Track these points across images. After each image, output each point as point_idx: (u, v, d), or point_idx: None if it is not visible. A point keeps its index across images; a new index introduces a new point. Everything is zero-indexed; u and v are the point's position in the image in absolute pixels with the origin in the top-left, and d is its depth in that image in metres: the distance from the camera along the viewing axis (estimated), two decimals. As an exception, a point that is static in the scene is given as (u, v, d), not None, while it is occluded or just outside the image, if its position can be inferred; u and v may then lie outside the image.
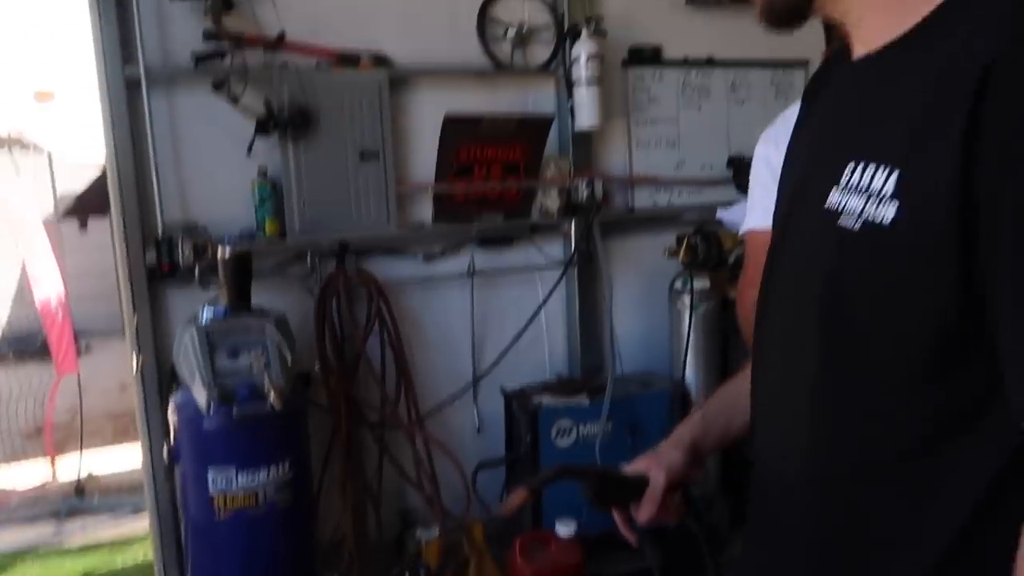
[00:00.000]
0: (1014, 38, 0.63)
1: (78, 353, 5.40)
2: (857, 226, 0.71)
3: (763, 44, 2.90)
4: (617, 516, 1.08)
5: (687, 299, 2.83)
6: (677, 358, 2.90)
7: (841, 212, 0.73)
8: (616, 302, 2.93)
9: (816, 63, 3.07)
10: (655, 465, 1.06)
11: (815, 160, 0.83)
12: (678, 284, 2.88)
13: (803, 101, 0.96)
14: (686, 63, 3.04)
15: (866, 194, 0.70)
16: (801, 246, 0.82)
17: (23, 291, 7.04)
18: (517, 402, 2.71)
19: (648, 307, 3.05)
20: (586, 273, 2.93)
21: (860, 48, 0.79)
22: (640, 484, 1.04)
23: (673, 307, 2.93)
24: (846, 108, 0.82)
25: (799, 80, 3.21)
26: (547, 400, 2.66)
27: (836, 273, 0.75)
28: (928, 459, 0.72)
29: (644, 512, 1.05)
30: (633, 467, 1.08)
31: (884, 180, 0.69)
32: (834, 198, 0.75)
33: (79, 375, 5.11)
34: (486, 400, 2.86)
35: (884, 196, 0.68)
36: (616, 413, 2.65)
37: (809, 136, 0.90)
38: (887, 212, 0.68)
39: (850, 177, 0.73)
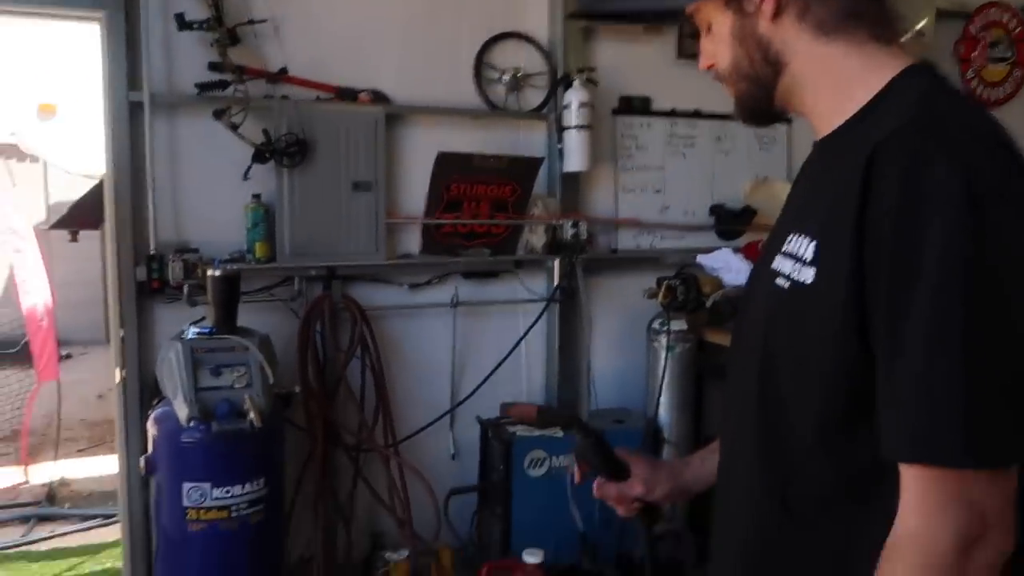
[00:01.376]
0: (898, 123, 0.74)
1: (58, 360, 5.41)
2: (787, 285, 0.82)
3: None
4: (596, 480, 1.14)
5: (664, 339, 2.91)
6: (651, 396, 2.97)
7: (778, 274, 0.84)
8: (595, 339, 3.01)
9: (797, 121, 3.20)
10: (644, 473, 1.12)
11: (776, 230, 0.94)
12: (656, 324, 2.96)
13: (799, 172, 1.08)
14: (673, 114, 3.16)
15: (795, 259, 0.81)
16: (754, 304, 0.93)
17: (8, 295, 7.05)
18: (492, 431, 2.77)
19: (626, 345, 3.13)
20: (567, 309, 3.01)
21: (819, 132, 0.90)
22: (620, 471, 1.12)
23: (650, 346, 3.00)
24: (802, 185, 0.95)
25: (781, 135, 3.33)
26: (522, 430, 2.72)
27: (770, 326, 0.86)
28: (845, 508, 0.81)
29: (605, 492, 1.12)
30: (627, 456, 1.14)
31: (807, 248, 0.80)
32: (776, 263, 0.85)
33: (59, 381, 5.12)
34: (463, 428, 2.91)
35: (806, 261, 0.79)
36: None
37: (785, 205, 1.02)
38: (808, 274, 0.79)
39: (789, 245, 0.83)
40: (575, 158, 2.86)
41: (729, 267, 3.02)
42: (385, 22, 2.71)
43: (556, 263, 2.97)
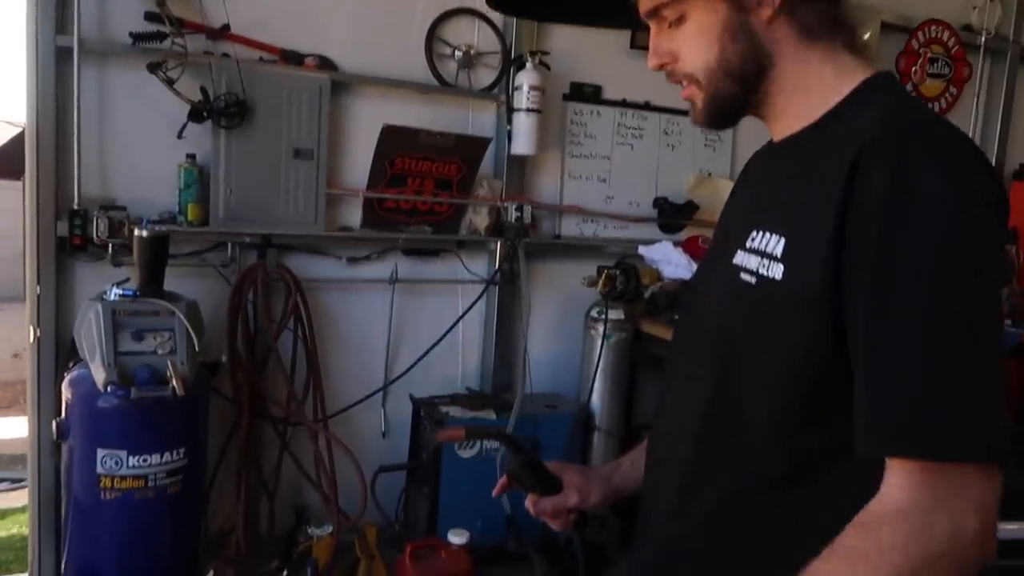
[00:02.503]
0: (882, 128, 0.75)
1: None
2: (754, 280, 0.82)
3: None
4: (529, 498, 1.13)
5: (601, 328, 2.93)
6: (585, 383, 3.00)
7: (743, 269, 0.85)
8: (533, 323, 3.01)
9: (744, 121, 3.25)
10: (577, 482, 1.11)
11: (734, 225, 0.94)
12: (594, 312, 2.98)
13: (741, 173, 1.08)
14: (623, 104, 3.16)
15: (762, 255, 0.82)
16: (711, 298, 0.93)
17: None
18: (425, 410, 2.75)
19: (563, 331, 3.14)
20: (507, 292, 3.00)
21: (779, 134, 0.91)
22: (553, 485, 1.11)
23: (587, 334, 3.02)
24: (762, 183, 0.96)
25: (727, 134, 3.37)
26: (454, 411, 2.71)
27: (734, 319, 0.86)
28: (794, 493, 0.82)
29: (541, 509, 1.11)
30: (557, 469, 1.13)
31: (775, 245, 0.80)
32: (739, 258, 0.86)
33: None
34: (395, 406, 2.88)
35: (775, 257, 0.80)
36: (521, 430, 2.71)
37: (736, 204, 1.03)
38: (777, 271, 0.79)
39: (753, 242, 0.84)
40: (523, 141, 2.84)
41: (669, 260, 3.06)
42: (336, -14, 2.63)
43: (498, 245, 2.95)
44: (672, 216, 3.28)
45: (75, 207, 2.28)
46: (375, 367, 2.85)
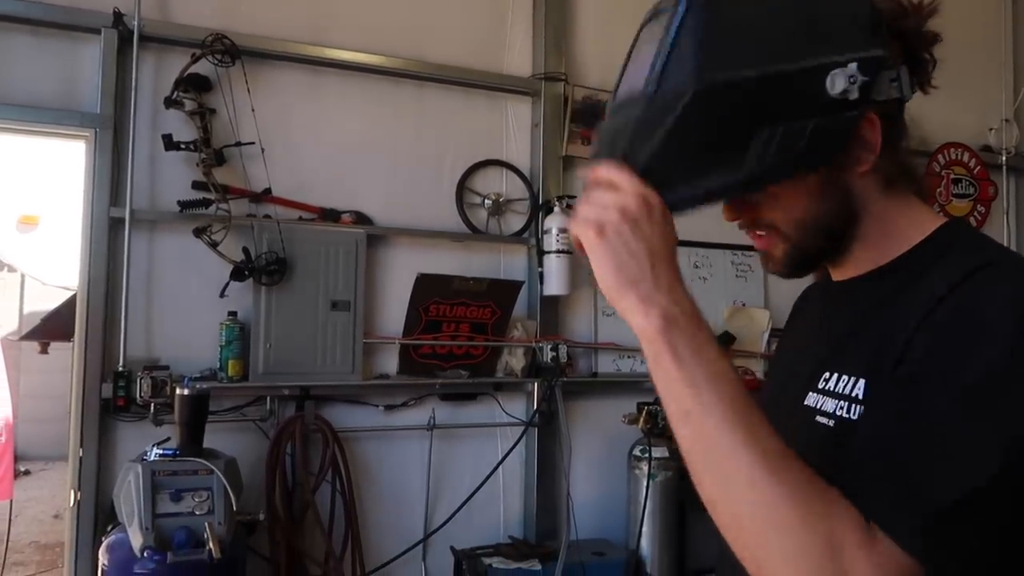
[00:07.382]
0: (950, 286, 0.75)
1: (15, 476, 5.16)
2: (832, 423, 0.81)
3: (723, 229, 3.09)
4: None
5: (645, 467, 2.83)
6: (633, 527, 2.86)
7: (817, 412, 0.84)
8: (574, 465, 2.92)
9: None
10: None
11: (795, 365, 0.94)
12: (637, 451, 2.90)
13: (795, 308, 1.08)
14: (651, 239, 3.21)
15: (840, 397, 0.81)
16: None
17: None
18: (467, 563, 2.63)
19: (606, 472, 3.04)
20: (546, 434, 2.94)
21: (843, 275, 0.91)
22: None
23: (631, 474, 2.92)
24: (828, 321, 0.94)
25: (757, 264, 3.39)
26: (498, 563, 2.59)
27: (809, 461, 0.82)
28: None
29: None
30: None
31: (853, 387, 0.80)
32: (811, 399, 0.85)
33: (11, 500, 4.86)
34: (436, 558, 2.77)
35: (855, 399, 0.79)
36: (568, 582, 2.58)
37: (792, 344, 1.02)
38: (857, 412, 0.79)
39: (827, 383, 0.84)
40: (555, 282, 2.88)
41: (710, 392, 2.99)
42: (370, 147, 2.79)
43: (535, 386, 2.93)
44: (709, 348, 3.23)
45: (120, 368, 2.33)
46: (415, 518, 2.76)
